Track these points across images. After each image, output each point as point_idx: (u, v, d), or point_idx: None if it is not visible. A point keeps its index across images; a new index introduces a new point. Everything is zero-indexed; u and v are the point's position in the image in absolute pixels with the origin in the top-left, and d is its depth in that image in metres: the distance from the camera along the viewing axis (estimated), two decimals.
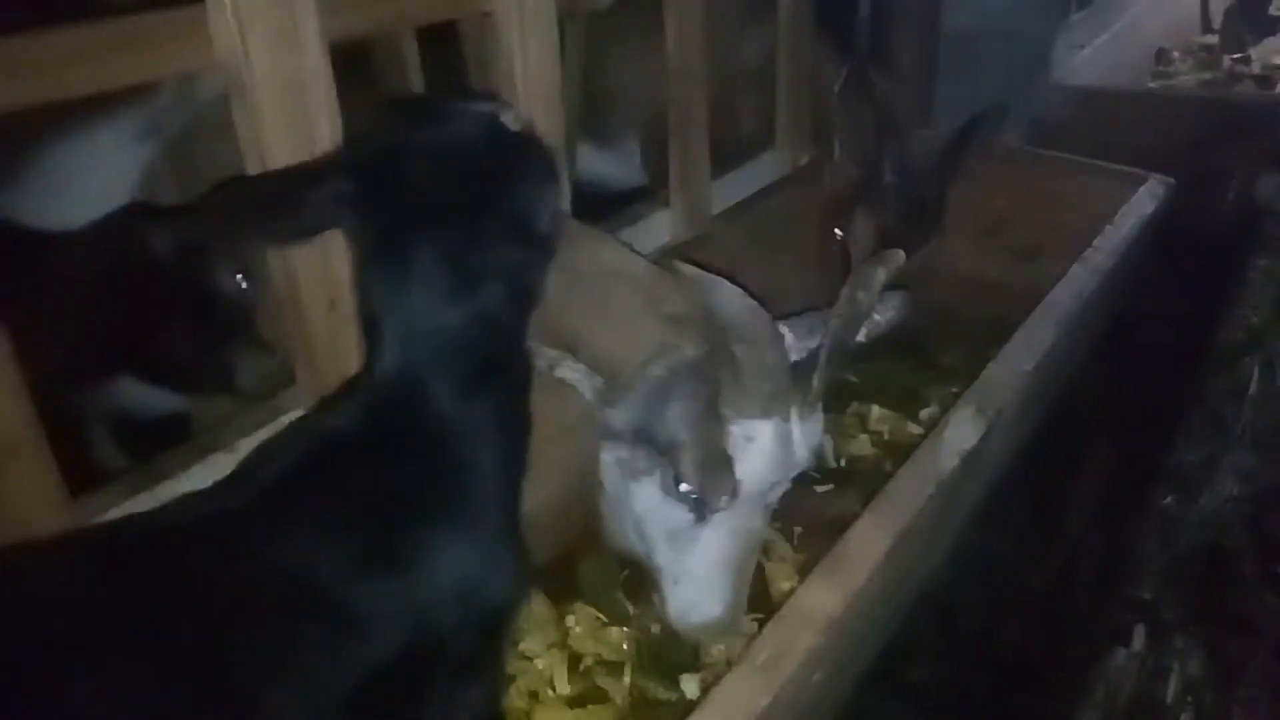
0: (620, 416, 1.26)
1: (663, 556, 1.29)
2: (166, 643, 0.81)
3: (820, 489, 1.77)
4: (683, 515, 1.25)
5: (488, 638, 1.03)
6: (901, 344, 2.07)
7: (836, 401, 1.99)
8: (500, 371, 1.02)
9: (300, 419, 1.07)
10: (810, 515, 1.69)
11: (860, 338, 1.28)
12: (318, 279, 1.19)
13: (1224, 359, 2.44)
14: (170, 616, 0.82)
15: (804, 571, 1.39)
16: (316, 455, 0.95)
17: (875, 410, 1.94)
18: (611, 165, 2.14)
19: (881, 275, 1.26)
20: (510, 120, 1.04)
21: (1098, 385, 2.17)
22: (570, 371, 1.32)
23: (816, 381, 1.22)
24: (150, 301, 1.38)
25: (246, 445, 1.22)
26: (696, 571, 1.26)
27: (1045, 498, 1.91)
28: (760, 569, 1.58)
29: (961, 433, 1.31)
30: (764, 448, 1.20)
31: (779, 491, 1.28)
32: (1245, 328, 2.58)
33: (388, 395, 0.97)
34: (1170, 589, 1.76)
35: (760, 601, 1.44)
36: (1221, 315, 2.61)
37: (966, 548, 1.68)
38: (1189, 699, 1.55)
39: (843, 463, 1.84)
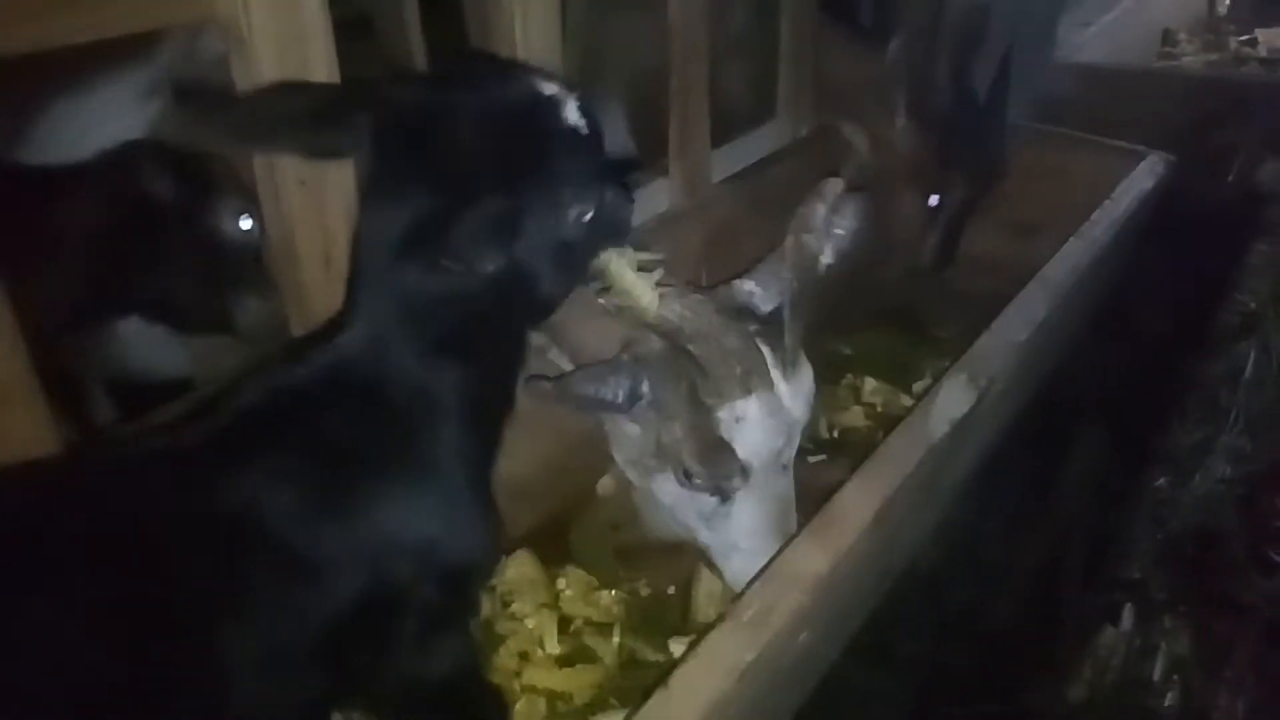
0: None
1: (705, 537, 1.31)
2: (114, 577, 0.81)
3: (813, 459, 1.78)
4: (708, 501, 1.26)
5: (453, 592, 1.03)
6: (897, 317, 2.10)
7: (831, 373, 2.00)
8: (478, 347, 1.00)
9: (270, 357, 1.05)
10: (803, 485, 1.70)
11: (828, 260, 1.28)
12: (314, 234, 1.20)
13: (1220, 342, 2.44)
14: (117, 552, 0.82)
15: None
16: (276, 399, 0.95)
17: (869, 382, 1.95)
18: (612, 133, 2.14)
19: (821, 210, 1.26)
20: (574, 113, 0.99)
21: (1094, 364, 2.18)
22: (558, 358, 1.33)
23: (789, 337, 1.22)
24: (154, 241, 1.38)
25: None
26: (740, 544, 1.27)
27: (1038, 475, 1.92)
28: None
29: (952, 401, 1.32)
30: (756, 421, 1.21)
31: (792, 449, 1.29)
32: (1242, 311, 2.59)
33: (355, 349, 0.96)
34: (1160, 569, 1.77)
35: None
36: (1219, 298, 2.61)
37: (958, 522, 1.68)
38: (1176, 678, 1.56)
39: (836, 434, 1.85)
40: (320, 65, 1.14)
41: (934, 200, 1.96)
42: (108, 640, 0.79)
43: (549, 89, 0.99)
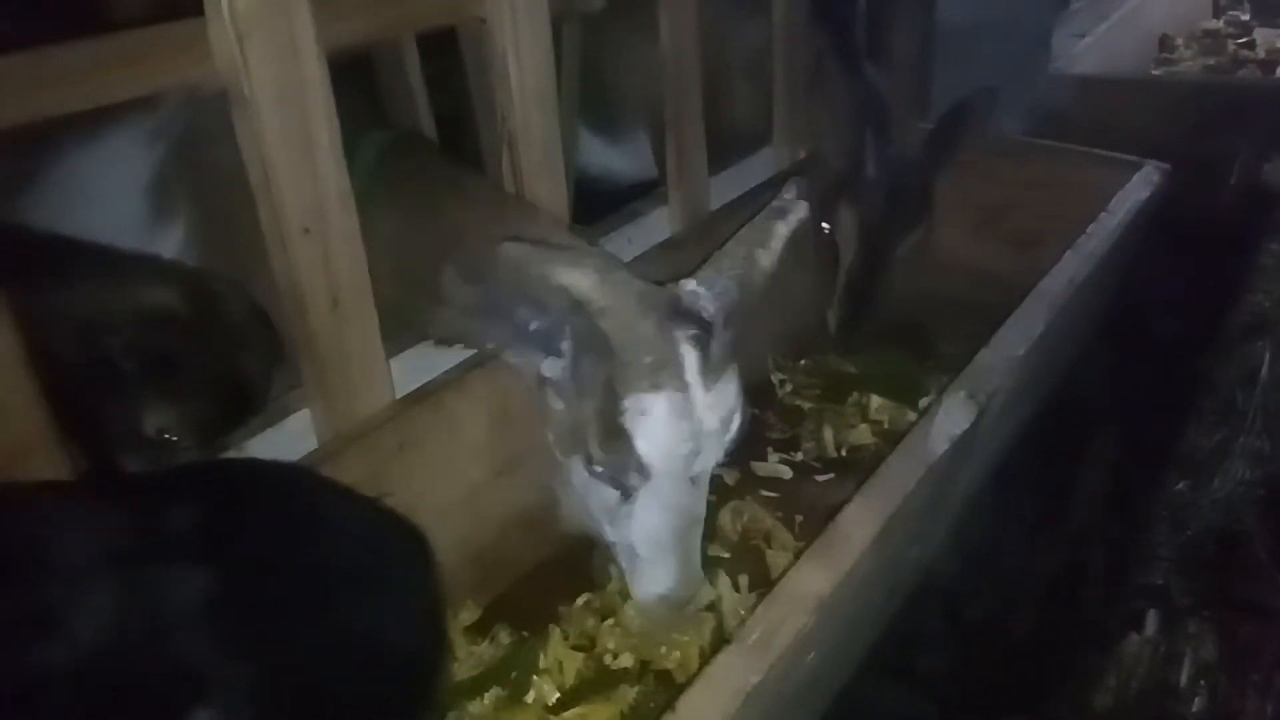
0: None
1: (609, 534, 1.28)
2: None
3: (821, 478, 1.80)
4: (610, 494, 1.23)
5: None
6: (902, 334, 2.11)
7: (836, 391, 2.02)
8: None
9: None
10: (811, 504, 1.72)
11: (766, 266, 1.25)
12: (319, 278, 1.23)
13: (1234, 344, 2.44)
14: None
15: None
16: None
17: (875, 400, 1.96)
18: (623, 160, 2.17)
19: (783, 232, 1.25)
20: None
21: (1107, 372, 2.18)
22: (512, 356, 1.32)
23: (715, 348, 1.18)
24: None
25: (254, 446, 1.27)
26: (639, 550, 1.24)
27: (1055, 485, 1.92)
28: (761, 556, 1.62)
29: (953, 418, 1.33)
30: (661, 420, 1.15)
31: (705, 464, 1.23)
32: (1256, 312, 2.59)
33: None
34: (1182, 574, 1.76)
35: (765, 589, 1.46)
36: (1231, 300, 2.61)
37: (975, 534, 1.69)
38: (1202, 683, 1.56)
39: (844, 452, 1.87)
40: (320, 118, 1.18)
41: (826, 228, 1.93)
42: None
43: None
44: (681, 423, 1.16)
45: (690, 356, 1.16)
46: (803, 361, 2.12)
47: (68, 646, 0.74)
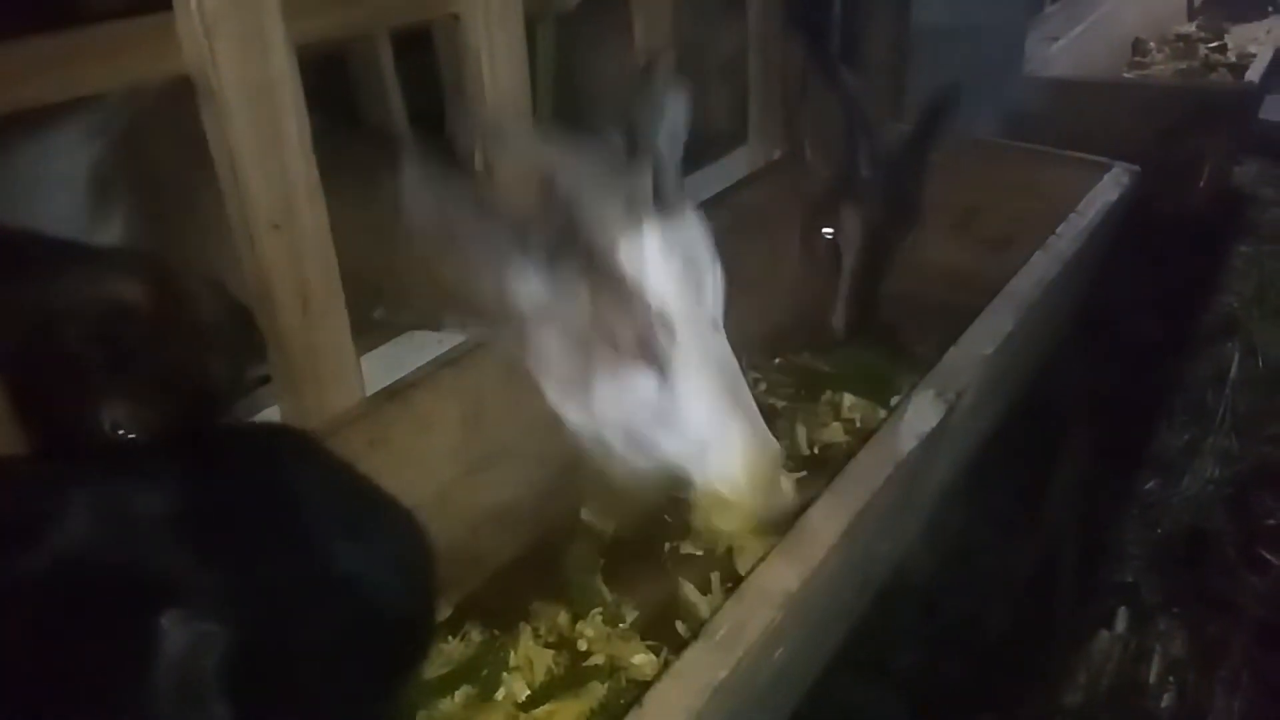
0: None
1: (670, 446, 1.18)
2: None
3: (794, 476, 1.79)
4: (647, 387, 1.16)
5: None
6: (875, 334, 2.12)
7: (810, 390, 2.03)
8: None
9: None
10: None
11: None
12: (290, 278, 1.23)
13: (1204, 344, 2.47)
14: None
15: None
16: None
17: (848, 399, 1.97)
18: None
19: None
20: None
21: (1078, 372, 2.20)
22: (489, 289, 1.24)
23: (667, 180, 1.17)
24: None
25: None
26: (706, 431, 1.15)
27: (1027, 483, 1.94)
28: (729, 554, 1.62)
29: (921, 415, 1.34)
30: (659, 257, 1.12)
31: (716, 307, 1.20)
32: (1225, 313, 2.62)
33: None
34: (1152, 571, 1.79)
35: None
36: (1201, 301, 2.64)
37: (944, 533, 1.70)
38: (1171, 680, 1.58)
39: (816, 450, 1.88)
40: (289, 112, 1.17)
41: (828, 233, 1.94)
42: None
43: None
44: (678, 257, 1.13)
45: (651, 192, 1.14)
46: (777, 360, 2.13)
47: (43, 553, 0.77)
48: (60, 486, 0.83)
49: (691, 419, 1.16)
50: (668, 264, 1.13)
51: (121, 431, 1.21)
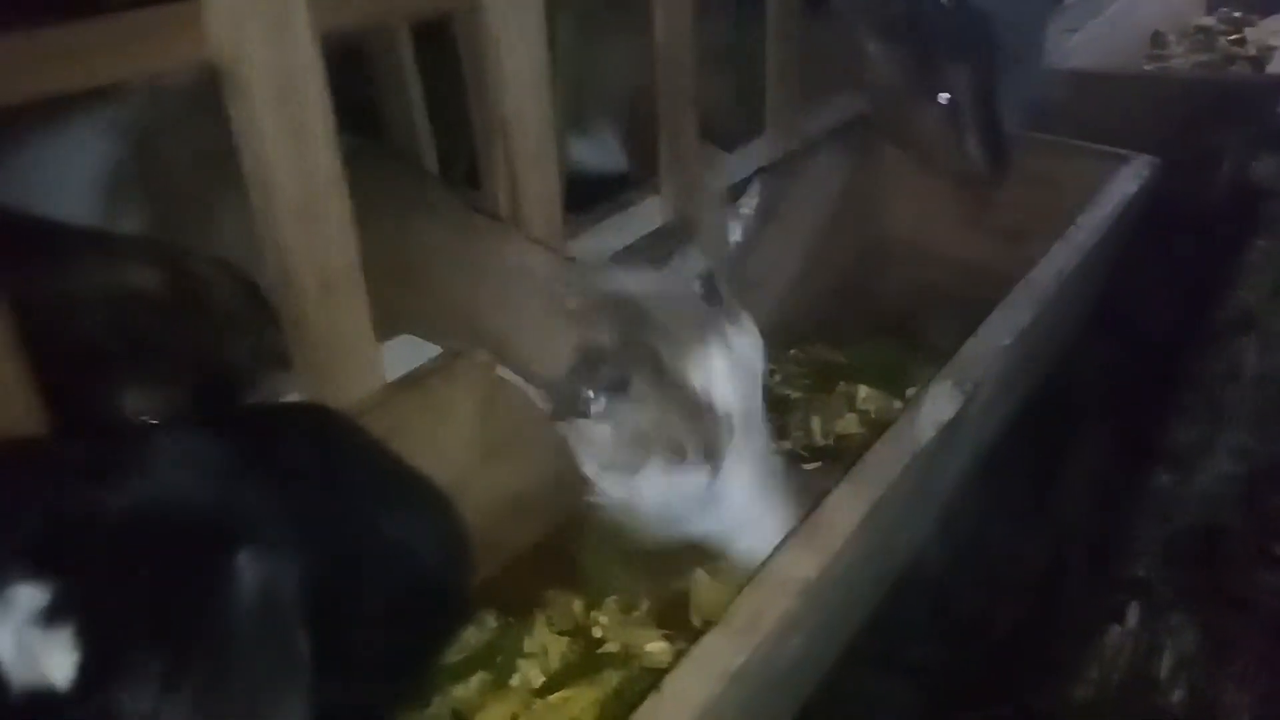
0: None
1: (703, 525, 1.26)
2: None
3: (809, 466, 1.81)
4: (698, 480, 1.20)
5: None
6: (891, 325, 2.13)
7: (825, 381, 2.03)
8: None
9: None
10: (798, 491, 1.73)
11: (736, 239, 1.31)
12: (310, 261, 1.23)
13: (1221, 339, 2.46)
14: None
15: None
16: None
17: (862, 389, 1.98)
18: (603, 154, 2.18)
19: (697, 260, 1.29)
20: None
21: (1093, 364, 2.20)
22: (507, 374, 1.32)
23: (724, 288, 1.24)
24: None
25: None
26: (741, 515, 1.23)
27: (1040, 476, 1.93)
28: None
29: (939, 406, 1.34)
30: (724, 370, 1.17)
31: (757, 400, 1.25)
32: (1242, 308, 2.61)
33: None
34: (1165, 567, 1.78)
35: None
36: (1218, 296, 2.63)
37: (960, 525, 1.70)
38: (1183, 676, 1.57)
39: (831, 441, 1.88)
40: (314, 102, 1.18)
41: (943, 98, 1.96)
42: None
43: None
44: (740, 367, 1.19)
45: (714, 304, 1.21)
46: (791, 351, 2.13)
47: (125, 496, 0.80)
48: (136, 441, 0.87)
49: (734, 506, 1.23)
50: (734, 376, 1.18)
51: (143, 418, 1.23)
